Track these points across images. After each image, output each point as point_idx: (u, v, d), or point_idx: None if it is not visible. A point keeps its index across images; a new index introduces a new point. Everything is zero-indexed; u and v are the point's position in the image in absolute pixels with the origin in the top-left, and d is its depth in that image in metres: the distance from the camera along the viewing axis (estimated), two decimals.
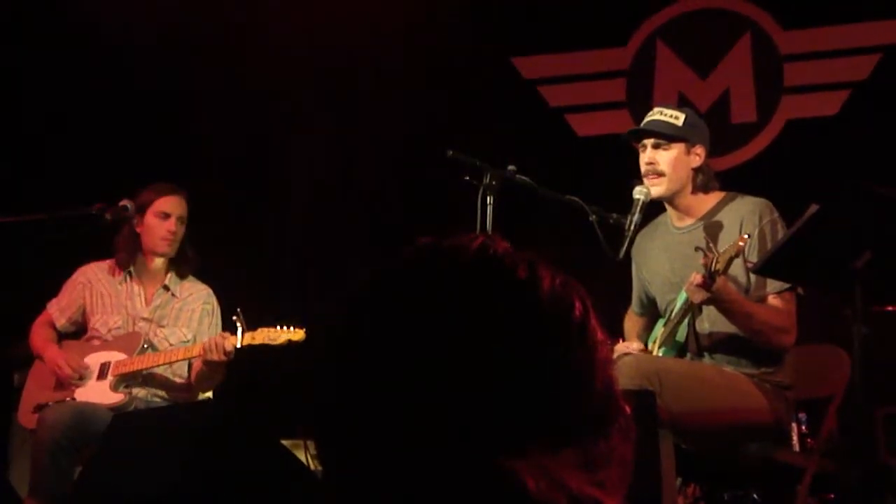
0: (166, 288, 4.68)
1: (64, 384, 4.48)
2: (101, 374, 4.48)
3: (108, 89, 6.42)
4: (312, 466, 3.94)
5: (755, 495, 4.05)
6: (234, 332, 4.37)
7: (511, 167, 3.83)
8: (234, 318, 4.37)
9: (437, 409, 0.93)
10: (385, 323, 0.98)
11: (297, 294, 6.23)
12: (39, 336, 4.66)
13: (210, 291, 4.78)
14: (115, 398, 4.42)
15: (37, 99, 6.44)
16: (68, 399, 4.42)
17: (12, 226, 4.46)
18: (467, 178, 3.78)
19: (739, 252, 3.48)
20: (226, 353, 4.34)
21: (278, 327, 4.34)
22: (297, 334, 4.30)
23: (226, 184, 6.34)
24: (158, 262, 4.68)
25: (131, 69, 6.45)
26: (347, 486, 0.97)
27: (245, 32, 6.54)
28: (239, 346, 4.34)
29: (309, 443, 4.47)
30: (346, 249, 6.15)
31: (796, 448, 3.89)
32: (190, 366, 4.65)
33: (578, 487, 0.92)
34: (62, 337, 4.70)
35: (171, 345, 4.60)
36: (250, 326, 4.36)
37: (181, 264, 4.70)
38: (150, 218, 4.57)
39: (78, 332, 4.72)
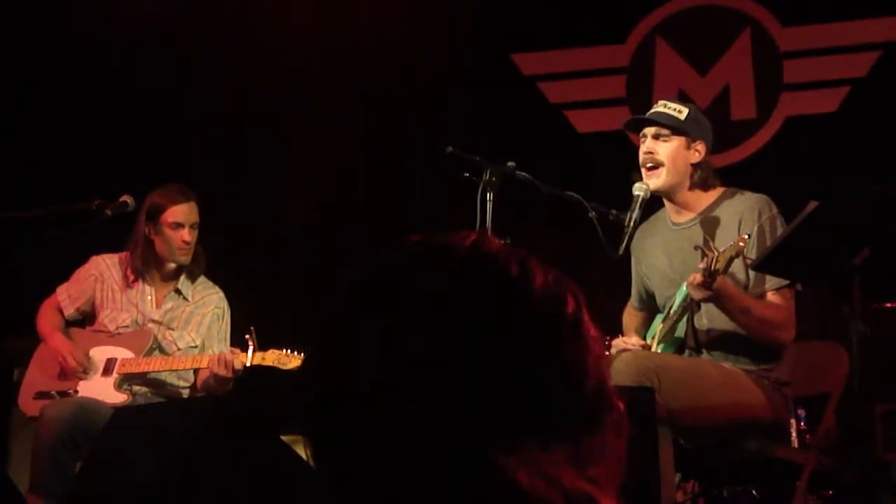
0: (178, 292, 4.68)
1: (67, 375, 4.49)
2: (107, 371, 4.48)
3: (108, 88, 6.42)
4: (312, 463, 3.94)
5: (754, 491, 4.05)
6: (245, 349, 4.39)
7: (511, 163, 3.84)
8: (247, 336, 4.39)
9: (429, 406, 0.93)
10: (376, 319, 0.98)
11: (295, 294, 6.23)
12: (47, 320, 4.63)
13: (221, 295, 4.76)
14: (118, 398, 4.41)
15: (36, 95, 6.44)
16: (71, 391, 4.42)
17: (11, 222, 4.46)
18: (467, 174, 3.78)
19: (739, 252, 3.48)
20: (233, 370, 4.36)
21: (288, 351, 4.36)
22: None
23: (223, 182, 6.34)
24: (171, 265, 4.68)
25: (131, 66, 6.45)
26: (342, 483, 0.97)
27: (244, 31, 6.54)
28: (248, 364, 4.36)
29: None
30: (345, 246, 6.15)
31: (795, 444, 3.88)
32: (196, 370, 4.64)
33: (571, 483, 0.93)
34: (69, 324, 4.69)
35: (178, 349, 4.59)
36: (261, 347, 4.37)
37: (192, 265, 4.69)
38: (163, 228, 4.54)
39: (84, 320, 4.71)
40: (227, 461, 3.13)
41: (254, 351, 4.37)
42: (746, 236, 3.52)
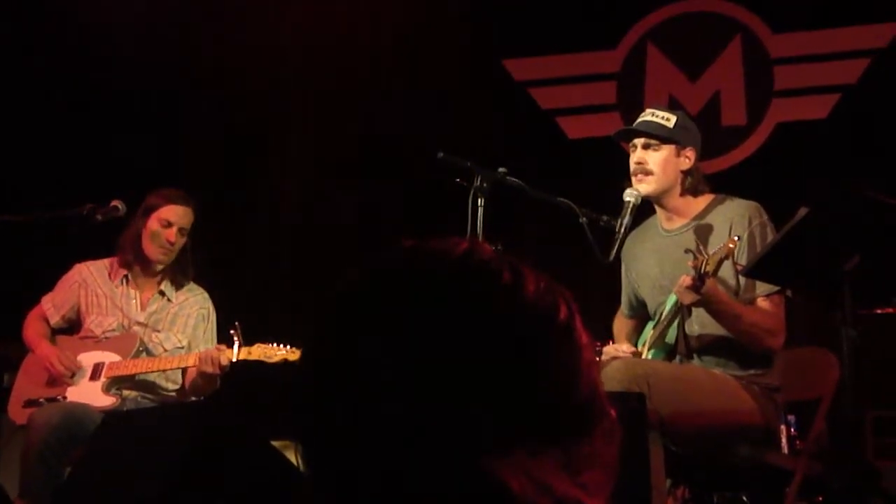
0: (162, 293, 4.68)
1: (56, 381, 4.47)
2: (95, 375, 4.47)
3: (105, 89, 6.42)
4: (302, 468, 3.93)
5: (744, 497, 4.05)
6: (231, 345, 4.38)
7: (502, 169, 3.83)
8: (232, 331, 4.38)
9: (420, 411, 0.93)
10: (367, 324, 0.98)
11: (284, 297, 6.23)
12: (33, 329, 4.63)
13: (206, 296, 4.77)
14: (107, 401, 4.41)
15: (30, 98, 6.43)
16: (59, 397, 4.41)
17: (1, 226, 4.44)
18: (458, 179, 3.78)
19: (729, 254, 3.49)
20: (220, 366, 4.35)
21: (274, 345, 4.35)
22: (294, 354, 4.31)
23: (218, 184, 6.34)
24: (156, 267, 4.67)
25: (127, 68, 6.44)
26: (332, 488, 0.97)
27: (241, 32, 6.54)
28: (234, 360, 4.35)
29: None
30: (336, 249, 6.14)
31: (785, 450, 3.88)
32: (184, 371, 4.63)
33: (562, 489, 0.93)
34: (55, 332, 4.68)
35: (165, 350, 4.59)
36: (247, 341, 4.36)
37: (178, 273, 4.70)
38: (153, 223, 4.56)
39: (71, 328, 4.70)
40: (216, 466, 3.12)
41: (239, 346, 4.37)
42: (736, 238, 3.52)
